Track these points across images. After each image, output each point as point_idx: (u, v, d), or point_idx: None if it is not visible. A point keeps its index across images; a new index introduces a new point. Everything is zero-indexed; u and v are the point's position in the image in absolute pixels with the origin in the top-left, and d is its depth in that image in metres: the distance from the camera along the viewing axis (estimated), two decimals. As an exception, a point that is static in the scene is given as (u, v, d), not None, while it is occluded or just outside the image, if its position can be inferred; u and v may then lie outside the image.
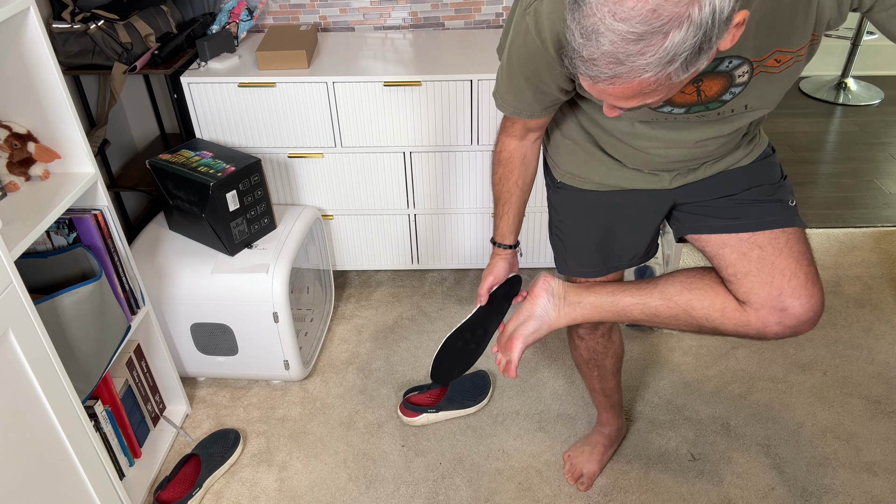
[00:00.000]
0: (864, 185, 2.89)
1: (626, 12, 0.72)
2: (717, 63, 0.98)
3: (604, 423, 1.73)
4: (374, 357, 2.12)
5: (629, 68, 0.75)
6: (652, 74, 0.76)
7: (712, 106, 1.06)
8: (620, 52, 0.74)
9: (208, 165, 1.84)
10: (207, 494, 1.73)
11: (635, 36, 0.72)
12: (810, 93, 3.69)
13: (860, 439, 1.79)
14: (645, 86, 0.78)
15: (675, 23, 0.71)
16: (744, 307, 1.18)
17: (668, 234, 2.18)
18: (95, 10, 1.92)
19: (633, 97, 0.81)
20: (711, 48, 0.76)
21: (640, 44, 0.73)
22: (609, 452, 1.74)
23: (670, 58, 0.74)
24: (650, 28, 0.72)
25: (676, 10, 0.71)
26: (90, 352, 1.48)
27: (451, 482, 1.73)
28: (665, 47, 0.73)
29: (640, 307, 1.24)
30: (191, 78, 1.95)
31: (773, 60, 0.99)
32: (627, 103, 0.83)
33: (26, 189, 1.46)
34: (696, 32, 0.72)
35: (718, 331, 1.20)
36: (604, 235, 1.35)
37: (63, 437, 1.35)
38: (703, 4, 0.71)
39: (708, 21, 0.72)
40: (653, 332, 2.15)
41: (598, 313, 1.28)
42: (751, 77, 1.01)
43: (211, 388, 2.03)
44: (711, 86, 1.02)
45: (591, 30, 0.75)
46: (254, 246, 1.92)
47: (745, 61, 0.98)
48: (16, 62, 1.36)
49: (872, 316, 2.18)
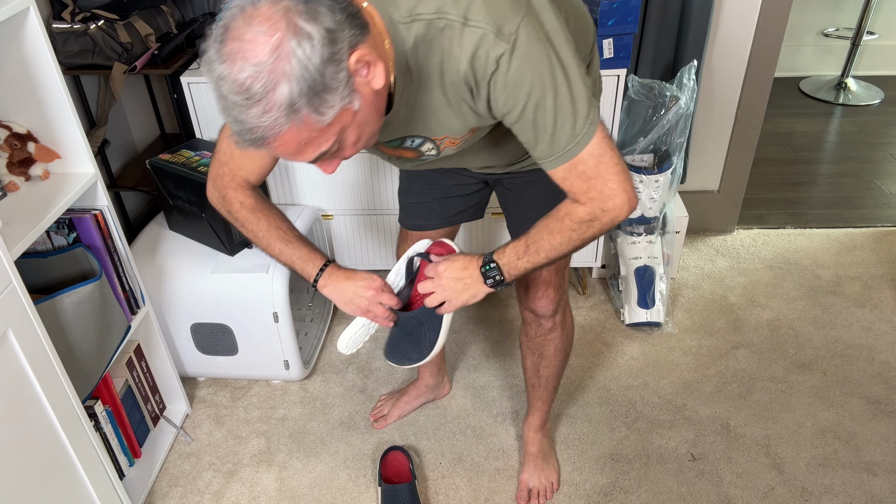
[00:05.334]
0: (864, 185, 2.89)
1: (236, 84, 0.81)
2: (401, 141, 1.11)
3: (420, 377, 1.92)
4: (374, 357, 2.12)
5: (264, 128, 0.83)
6: (288, 125, 0.83)
7: (418, 160, 1.17)
8: (251, 117, 0.83)
9: (208, 165, 1.83)
10: (207, 494, 1.73)
11: (250, 102, 0.81)
12: (810, 93, 3.69)
13: (860, 439, 1.79)
14: (299, 137, 0.86)
15: (275, 79, 0.80)
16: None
17: (669, 233, 2.18)
18: (95, 10, 1.92)
19: (303, 150, 0.89)
20: (335, 86, 0.84)
21: (261, 104, 0.81)
22: (413, 404, 1.92)
23: (291, 107, 0.82)
24: (257, 90, 0.80)
25: (269, 69, 0.80)
26: (90, 352, 1.48)
27: (451, 482, 1.73)
28: (279, 101, 0.81)
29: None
30: (191, 78, 1.95)
31: (448, 142, 1.11)
32: (304, 156, 0.90)
33: (26, 189, 1.46)
34: (298, 81, 0.81)
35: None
36: (430, 194, 1.48)
37: (63, 437, 1.35)
38: (289, 59, 0.80)
39: (300, 69, 0.80)
40: (653, 331, 2.15)
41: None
42: (438, 151, 1.13)
43: (211, 388, 2.03)
44: (405, 153, 1.15)
45: (226, 109, 0.84)
46: (254, 246, 1.92)
47: (427, 139, 1.10)
48: (16, 62, 1.36)
49: (872, 316, 2.18)
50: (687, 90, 1.98)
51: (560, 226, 1.09)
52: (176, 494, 1.73)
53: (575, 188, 1.05)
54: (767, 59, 2.22)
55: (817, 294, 2.28)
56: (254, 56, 0.80)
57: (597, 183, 1.04)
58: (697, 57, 2.09)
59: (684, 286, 2.33)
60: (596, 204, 1.05)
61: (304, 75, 0.81)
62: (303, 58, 0.80)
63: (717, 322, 2.18)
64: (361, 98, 0.88)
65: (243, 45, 0.80)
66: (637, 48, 2.11)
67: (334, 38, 0.82)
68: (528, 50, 0.94)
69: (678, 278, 2.37)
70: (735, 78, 2.27)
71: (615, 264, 2.25)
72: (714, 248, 2.52)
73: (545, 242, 1.11)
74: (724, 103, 2.32)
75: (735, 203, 2.54)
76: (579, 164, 1.02)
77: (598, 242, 2.19)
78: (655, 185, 2.04)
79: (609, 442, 1.81)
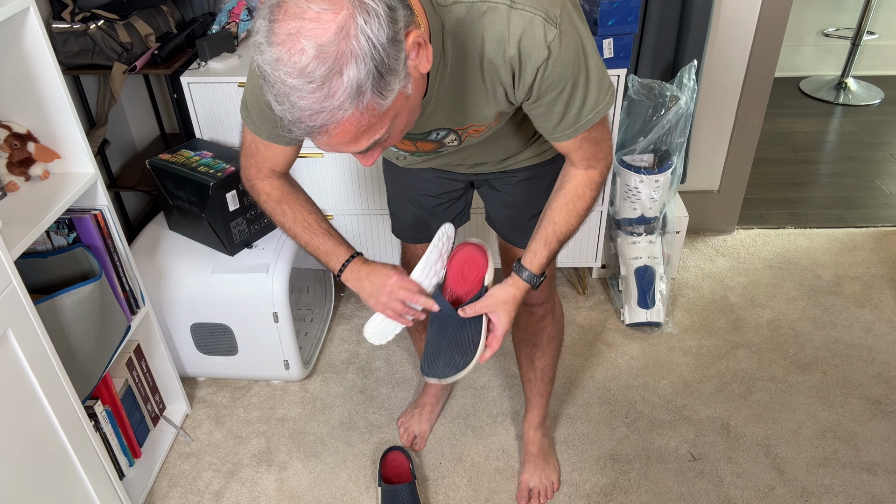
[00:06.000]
0: (864, 185, 2.89)
1: (296, 69, 0.75)
2: (427, 134, 1.11)
3: (430, 383, 1.84)
4: (374, 357, 2.12)
5: (329, 113, 0.78)
6: (352, 111, 0.79)
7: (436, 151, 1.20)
8: (313, 102, 0.77)
9: (208, 165, 1.84)
10: (207, 494, 1.73)
11: (315, 85, 0.76)
12: (810, 93, 3.69)
13: (860, 439, 1.79)
14: (359, 123, 0.81)
15: (343, 60, 0.75)
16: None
17: (669, 233, 2.18)
18: (95, 10, 1.92)
19: (359, 138, 0.84)
20: (397, 68, 0.80)
21: (324, 89, 0.76)
22: (437, 410, 1.87)
23: (357, 90, 0.77)
24: (323, 72, 0.75)
25: (336, 49, 0.75)
26: (90, 352, 1.48)
27: (451, 482, 1.73)
28: (347, 83, 0.76)
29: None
30: (191, 78, 1.94)
31: (472, 130, 1.11)
32: (358, 145, 0.86)
33: (26, 189, 1.46)
34: (366, 61, 0.76)
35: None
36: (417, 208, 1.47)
37: (63, 437, 1.35)
38: (358, 37, 0.75)
39: (370, 48, 0.76)
40: (653, 331, 2.15)
41: None
42: (460, 142, 1.15)
43: (211, 388, 2.03)
44: (425, 146, 1.16)
45: (281, 95, 0.78)
46: (254, 246, 1.92)
47: (451, 131, 1.11)
48: (16, 62, 1.36)
49: (872, 316, 2.18)
50: (687, 90, 1.98)
51: (584, 202, 1.15)
52: (176, 494, 1.73)
53: (587, 154, 1.11)
54: (767, 59, 2.22)
55: (817, 294, 2.28)
56: (317, 36, 0.74)
57: (603, 146, 1.12)
58: (697, 57, 2.09)
59: (684, 286, 2.33)
60: (603, 164, 1.13)
61: (374, 55, 0.76)
62: (371, 36, 0.76)
63: (717, 322, 2.18)
64: (413, 82, 0.84)
65: (304, 23, 0.74)
66: (637, 48, 2.11)
67: (394, 17, 0.78)
68: (570, 33, 0.96)
69: (678, 278, 2.37)
70: (735, 78, 2.27)
71: (615, 264, 2.25)
72: (714, 248, 2.52)
73: (564, 225, 1.16)
74: (724, 103, 2.32)
75: (735, 203, 2.54)
76: (594, 132, 1.08)
77: (598, 243, 2.19)
78: (655, 185, 2.04)
79: (609, 442, 1.81)
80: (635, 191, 2.06)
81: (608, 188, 2.08)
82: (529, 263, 1.18)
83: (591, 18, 1.82)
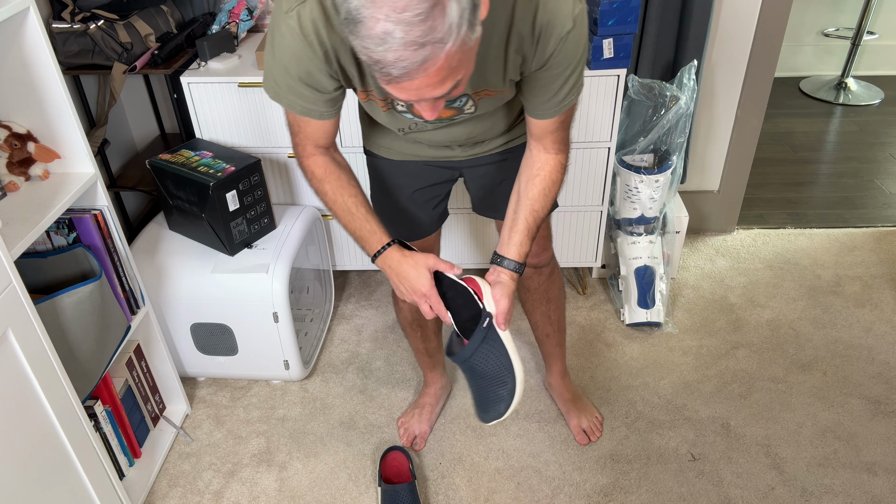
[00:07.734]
0: (864, 185, 2.89)
1: (400, 4, 0.76)
2: (453, 101, 1.15)
3: (429, 384, 1.88)
4: (374, 357, 2.12)
5: (432, 46, 0.79)
6: (452, 44, 0.80)
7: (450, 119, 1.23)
8: (417, 36, 0.78)
9: (208, 165, 1.84)
10: (207, 494, 1.73)
11: (421, 17, 0.76)
12: (810, 93, 3.69)
13: (860, 439, 1.79)
14: (452, 61, 0.82)
15: None
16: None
17: (669, 233, 2.18)
18: (95, 10, 1.92)
19: (446, 79, 0.85)
20: (480, 5, 0.83)
21: (428, 21, 0.77)
22: (437, 410, 1.89)
23: (458, 21, 0.79)
24: (427, 6, 0.76)
25: None
26: (90, 352, 1.48)
27: (451, 482, 1.73)
28: (449, 13, 0.78)
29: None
30: (191, 78, 1.95)
31: (486, 93, 1.15)
32: (442, 88, 0.87)
33: (26, 189, 1.46)
34: None
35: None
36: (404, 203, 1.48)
37: (63, 438, 1.35)
38: None
39: None
40: (653, 331, 2.15)
41: None
42: (476, 107, 1.19)
43: (211, 388, 2.03)
44: (445, 112, 1.20)
45: (383, 34, 0.78)
46: (254, 246, 1.92)
47: (469, 97, 1.16)
48: (16, 62, 1.36)
49: (872, 316, 2.18)
50: (687, 90, 1.98)
51: (557, 186, 1.23)
52: (176, 494, 1.73)
53: (559, 137, 1.18)
54: (767, 59, 2.22)
55: (817, 294, 2.28)
56: None
57: (570, 131, 1.19)
58: (697, 57, 2.09)
59: (684, 286, 2.33)
60: (568, 149, 1.22)
61: None
62: None
63: (717, 322, 2.18)
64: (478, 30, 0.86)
65: None
66: (637, 48, 2.11)
67: None
68: (584, 14, 1.04)
69: (678, 278, 2.37)
70: (735, 78, 2.27)
71: (615, 264, 2.25)
72: (714, 248, 2.52)
73: (543, 211, 1.23)
74: (724, 103, 2.32)
75: (735, 203, 2.54)
76: (568, 115, 1.16)
77: (598, 243, 2.19)
78: (655, 185, 2.04)
79: (609, 442, 1.81)
80: (635, 191, 2.06)
81: (608, 188, 2.08)
82: (517, 255, 1.25)
83: (591, 18, 1.82)
